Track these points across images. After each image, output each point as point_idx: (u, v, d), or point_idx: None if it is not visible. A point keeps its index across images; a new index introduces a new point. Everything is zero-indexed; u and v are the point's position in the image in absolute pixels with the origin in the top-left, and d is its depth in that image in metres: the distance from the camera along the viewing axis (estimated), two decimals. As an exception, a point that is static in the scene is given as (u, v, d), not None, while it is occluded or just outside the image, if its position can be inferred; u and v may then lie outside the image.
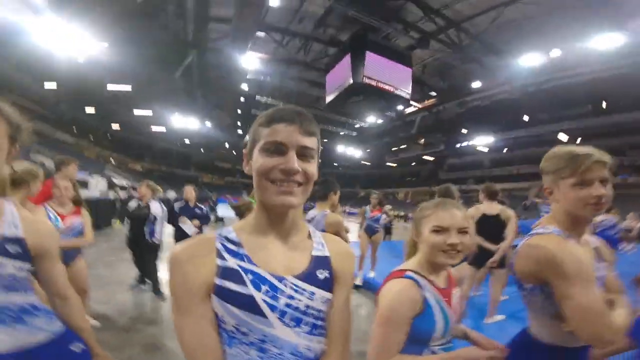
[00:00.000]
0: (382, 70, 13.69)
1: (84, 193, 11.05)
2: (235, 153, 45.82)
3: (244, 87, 21.99)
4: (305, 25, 13.51)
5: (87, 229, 2.88)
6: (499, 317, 3.41)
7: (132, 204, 4.16)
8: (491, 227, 3.34)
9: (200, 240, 0.72)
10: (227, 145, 45.05)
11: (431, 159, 38.62)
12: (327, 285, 0.75)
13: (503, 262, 3.28)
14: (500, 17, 12.52)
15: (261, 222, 0.75)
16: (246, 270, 0.68)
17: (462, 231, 1.08)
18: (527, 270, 1.03)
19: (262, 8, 11.57)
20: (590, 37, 12.69)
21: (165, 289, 4.04)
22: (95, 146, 34.08)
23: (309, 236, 0.81)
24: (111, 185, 18.24)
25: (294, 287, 0.70)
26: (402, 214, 27.68)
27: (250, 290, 0.66)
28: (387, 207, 13.81)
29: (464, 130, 27.21)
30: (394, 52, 13.97)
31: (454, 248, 1.06)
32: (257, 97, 25.10)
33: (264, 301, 0.66)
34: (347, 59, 13.60)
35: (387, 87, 14.00)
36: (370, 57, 13.18)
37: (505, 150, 30.01)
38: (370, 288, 4.70)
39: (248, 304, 0.66)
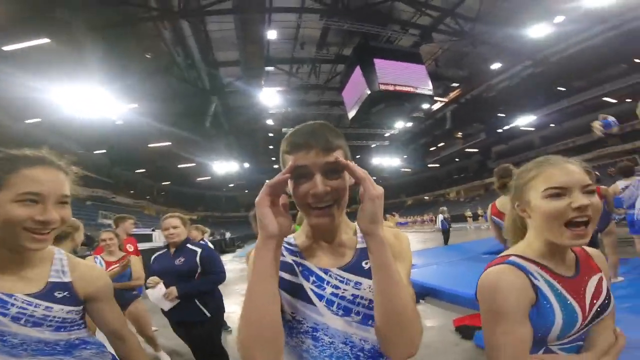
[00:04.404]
0: (395, 74, 13.52)
1: (149, 245, 12.11)
2: (276, 187, 48.11)
3: (270, 122, 23.02)
4: (308, 49, 14.04)
5: (135, 273, 3.24)
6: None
7: None
8: None
9: None
10: (267, 181, 47.29)
11: (475, 150, 36.68)
12: None
13: (595, 242, 2.90)
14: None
15: (309, 231, 0.85)
16: (298, 264, 0.81)
17: (588, 190, 0.79)
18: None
19: (263, 43, 12.31)
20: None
21: (229, 322, 4.29)
22: (153, 204, 37.46)
23: (355, 232, 0.86)
24: (172, 236, 19.91)
25: (339, 277, 0.77)
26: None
27: (300, 280, 0.78)
28: (442, 208, 13.06)
29: (502, 115, 25.63)
30: (401, 53, 13.84)
31: (583, 212, 0.77)
32: (284, 129, 25.98)
33: (312, 290, 0.76)
34: (357, 72, 13.66)
35: (405, 88, 13.72)
36: (380, 64, 13.15)
37: (552, 125, 27.66)
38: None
39: (298, 292, 0.77)
